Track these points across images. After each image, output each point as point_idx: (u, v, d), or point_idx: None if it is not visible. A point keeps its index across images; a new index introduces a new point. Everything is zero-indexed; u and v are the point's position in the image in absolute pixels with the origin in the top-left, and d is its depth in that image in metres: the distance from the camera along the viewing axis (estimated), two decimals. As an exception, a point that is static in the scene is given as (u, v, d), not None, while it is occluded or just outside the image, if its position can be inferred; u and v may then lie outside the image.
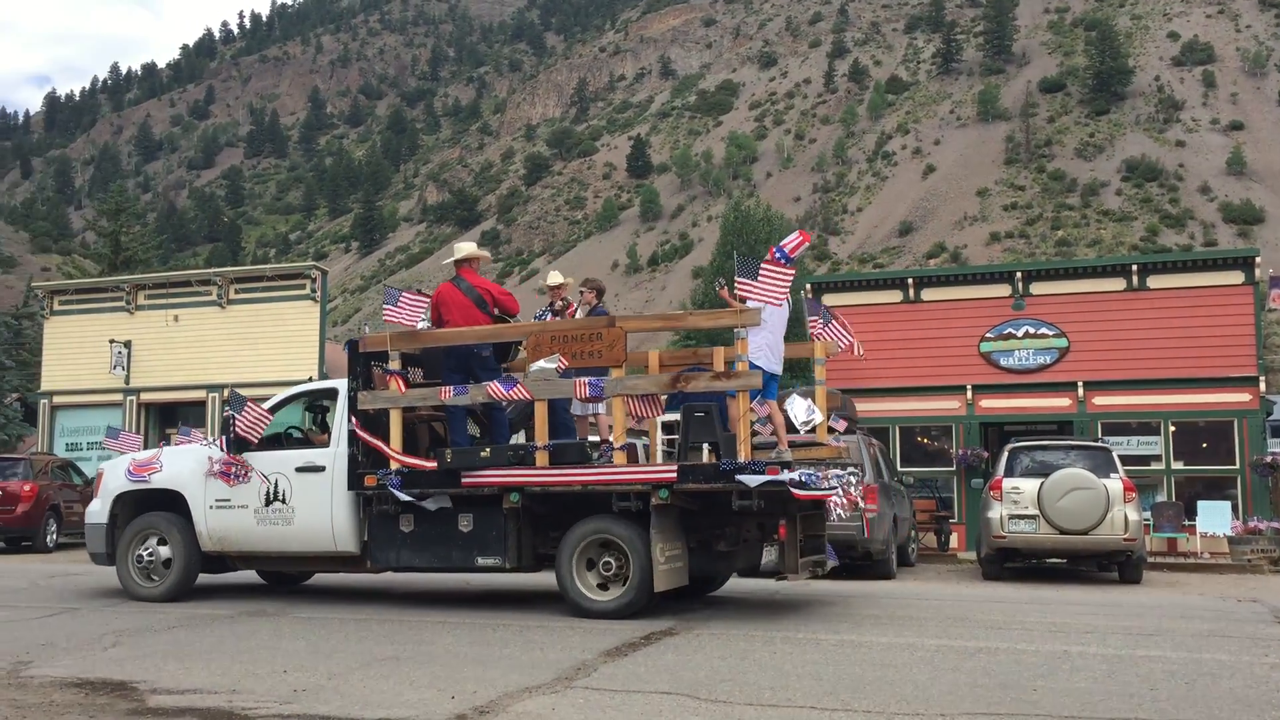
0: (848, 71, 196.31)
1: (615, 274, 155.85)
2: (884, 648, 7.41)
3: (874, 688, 5.99)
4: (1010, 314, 20.54)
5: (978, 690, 5.95)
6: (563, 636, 7.83)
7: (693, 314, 10.70)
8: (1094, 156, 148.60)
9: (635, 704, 5.52)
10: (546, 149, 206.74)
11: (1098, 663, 6.86)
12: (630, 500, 8.82)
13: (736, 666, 6.61)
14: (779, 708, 5.47)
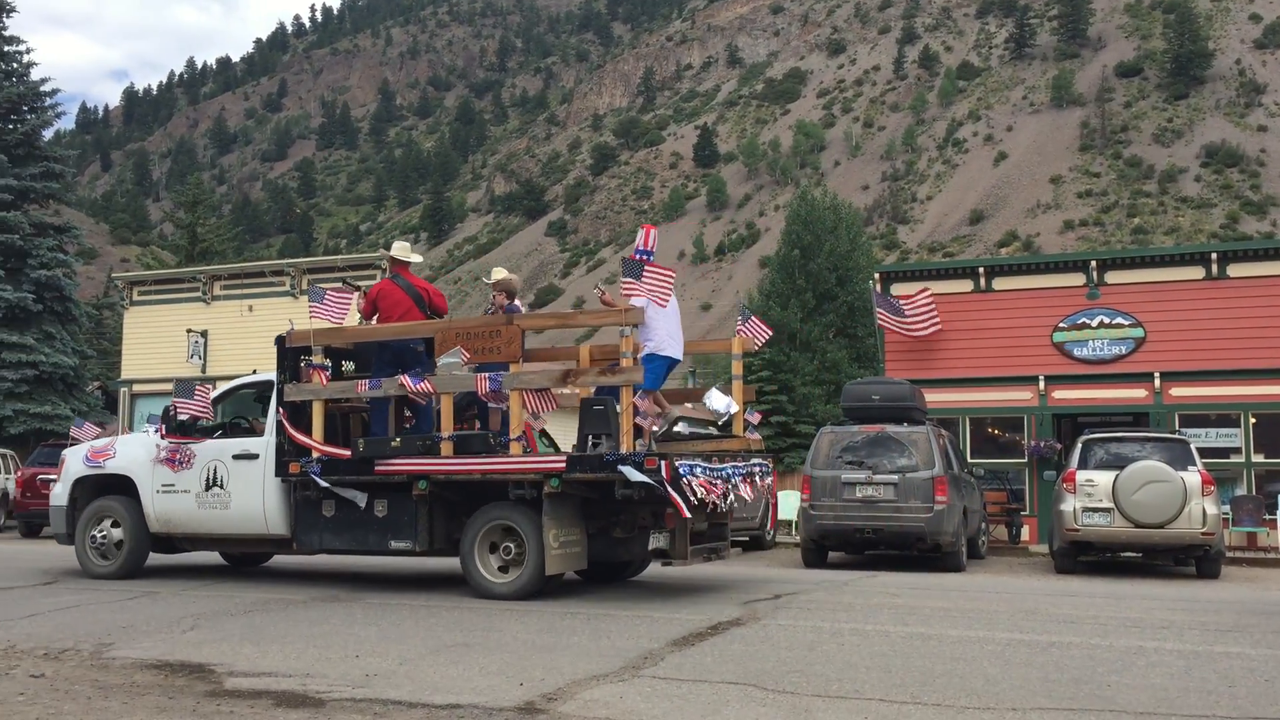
0: (918, 58, 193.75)
1: (682, 264, 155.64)
2: (954, 641, 7.33)
3: (944, 681, 5.93)
4: (1084, 303, 20.17)
5: (1050, 685, 5.87)
6: (630, 625, 7.86)
7: (582, 313, 11.19)
8: (1172, 142, 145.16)
9: (702, 693, 5.53)
10: (613, 139, 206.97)
11: (1174, 659, 6.73)
12: (525, 488, 9.34)
13: (804, 658, 6.58)
14: (847, 699, 5.44)
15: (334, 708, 5.18)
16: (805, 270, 45.87)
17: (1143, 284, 20.02)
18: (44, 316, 31.67)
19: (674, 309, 10.03)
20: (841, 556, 15.93)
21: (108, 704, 5.26)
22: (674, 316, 10.03)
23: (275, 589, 10.20)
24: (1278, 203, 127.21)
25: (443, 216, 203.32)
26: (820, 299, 45.27)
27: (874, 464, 14.38)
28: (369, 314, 10.79)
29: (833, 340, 44.19)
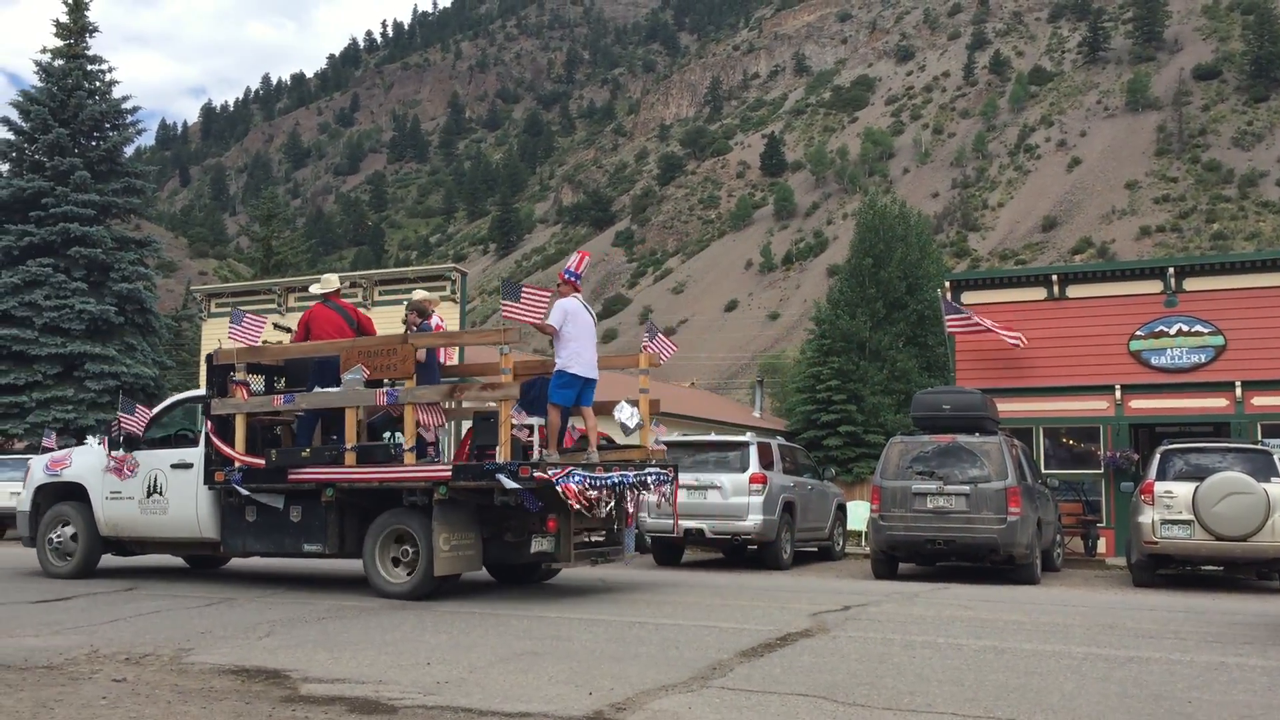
0: (988, 63, 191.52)
1: (749, 273, 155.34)
2: (1029, 655, 7.21)
3: (1018, 695, 5.83)
4: (1162, 311, 19.74)
5: (1129, 701, 5.74)
6: (698, 636, 7.84)
7: (467, 333, 11.96)
8: (1252, 146, 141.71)
9: (771, 705, 5.50)
10: (680, 148, 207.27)
11: (1258, 675, 6.55)
12: (417, 495, 10.04)
13: (875, 670, 6.52)
14: (918, 713, 5.38)
15: (406, 714, 5.23)
16: (875, 279, 45.48)
17: (1223, 291, 19.55)
18: (125, 328, 32.50)
19: (588, 329, 10.70)
20: (912, 568, 15.74)
21: (186, 708, 5.37)
22: (587, 337, 10.67)
23: (349, 596, 10.35)
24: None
25: (511, 228, 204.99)
26: (890, 307, 44.85)
27: (945, 474, 14.20)
28: (301, 336, 11.59)
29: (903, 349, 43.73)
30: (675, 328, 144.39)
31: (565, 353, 10.44)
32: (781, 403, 54.98)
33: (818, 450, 37.11)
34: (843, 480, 29.38)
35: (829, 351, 41.79)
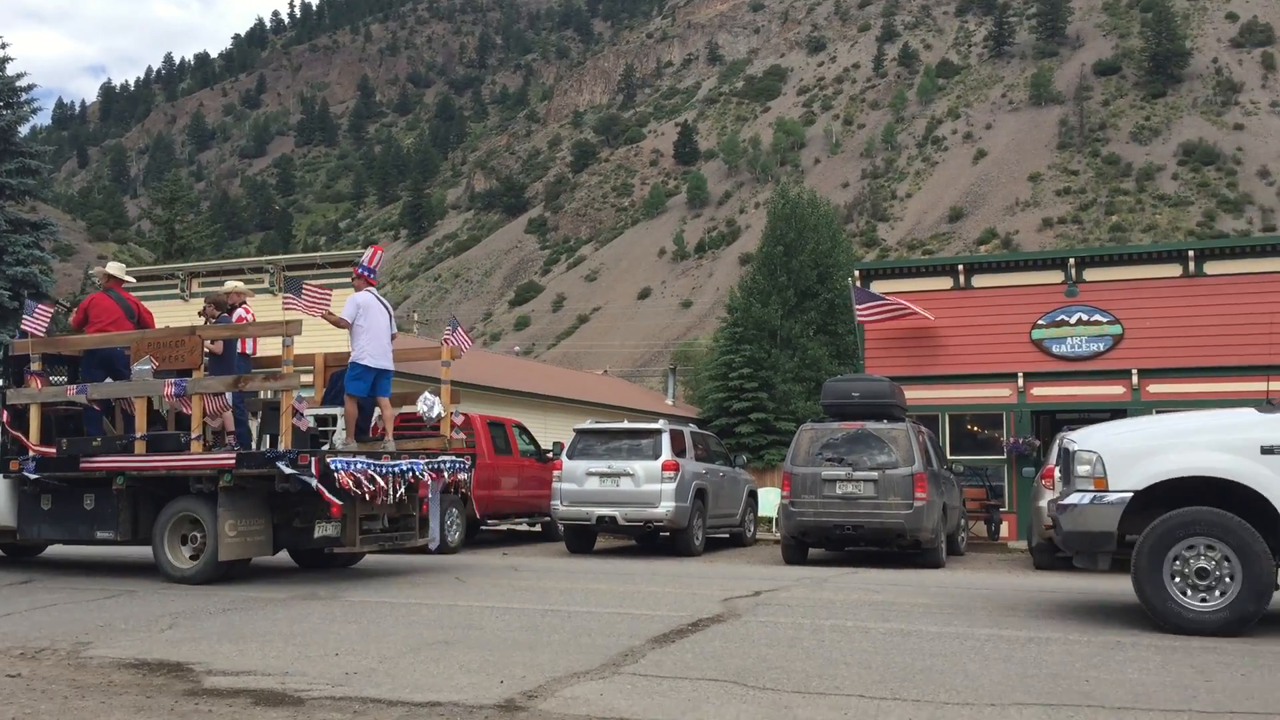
0: (897, 55, 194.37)
1: (662, 261, 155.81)
2: (934, 637, 7.36)
3: (923, 677, 5.95)
4: (1063, 300, 20.27)
5: (1029, 680, 5.90)
6: (611, 623, 7.86)
7: (253, 325, 12.02)
8: (1150, 140, 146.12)
9: (683, 690, 5.53)
10: (593, 136, 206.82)
11: (1151, 653, 6.77)
12: (204, 483, 10.39)
13: (785, 654, 6.60)
14: (827, 696, 5.46)
15: (313, 706, 5.16)
16: (787, 267, 45.95)
17: (1120, 281, 20.14)
18: (20, 313, 31.38)
19: (381, 323, 11.19)
20: (822, 553, 15.97)
21: (85, 703, 5.23)
22: (380, 330, 11.15)
23: (255, 588, 10.17)
24: (1254, 201, 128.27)
25: (422, 213, 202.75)
26: (801, 296, 45.35)
27: (854, 461, 14.42)
28: (79, 323, 11.80)
29: (813, 337, 44.27)
30: (589, 315, 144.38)
31: (358, 345, 10.94)
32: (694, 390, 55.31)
33: (730, 437, 37.41)
34: (754, 467, 29.66)
35: (741, 339, 42.13)
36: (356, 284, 11.34)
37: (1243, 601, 7.42)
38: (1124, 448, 7.95)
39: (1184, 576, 7.60)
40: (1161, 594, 7.61)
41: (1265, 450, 7.48)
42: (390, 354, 11.33)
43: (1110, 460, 7.88)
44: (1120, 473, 7.81)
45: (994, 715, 5.09)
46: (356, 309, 10.98)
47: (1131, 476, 7.77)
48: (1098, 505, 7.85)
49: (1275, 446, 7.46)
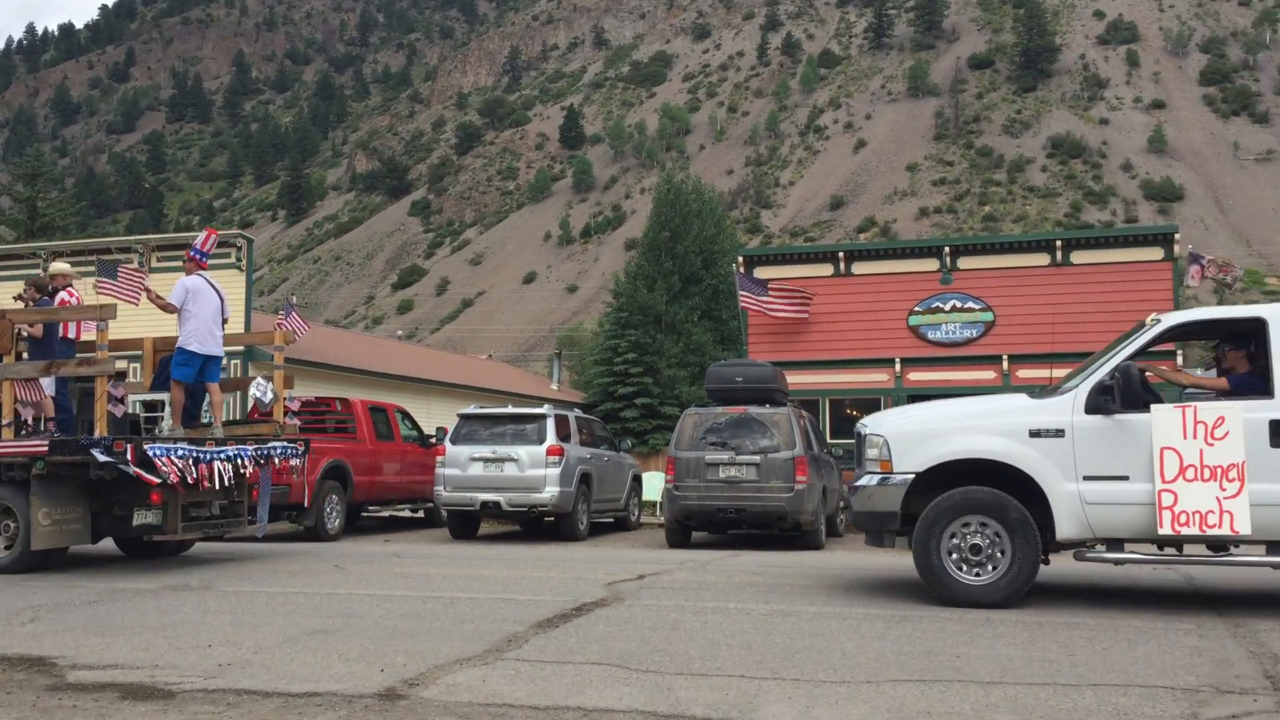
0: (781, 44, 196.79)
1: (548, 245, 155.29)
2: (813, 617, 7.49)
3: (803, 656, 6.06)
4: (938, 288, 20.82)
5: (904, 657, 6.05)
6: (494, 609, 7.82)
7: (66, 310, 11.68)
8: (1021, 133, 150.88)
9: (566, 674, 5.53)
10: (478, 118, 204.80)
11: (1018, 629, 7.01)
12: (16, 470, 10.18)
13: (668, 637, 6.65)
14: (709, 677, 5.51)
15: (185, 699, 5.01)
16: (672, 253, 46.18)
17: (992, 270, 20.78)
18: None
19: (210, 308, 11.11)
20: (705, 536, 16.13)
21: (-62, 703, 4.98)
22: (210, 315, 11.10)
23: (123, 578, 9.83)
24: (1117, 193, 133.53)
25: (301, 194, 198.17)
26: (686, 282, 45.65)
27: (737, 445, 14.58)
28: None
29: (698, 323, 44.63)
30: (473, 299, 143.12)
31: (186, 330, 10.86)
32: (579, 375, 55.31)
33: (615, 422, 37.51)
34: (639, 452, 29.80)
35: (626, 324, 42.21)
36: (188, 267, 11.20)
37: (1012, 575, 7.87)
38: (907, 432, 8.34)
39: (960, 552, 8.02)
40: (939, 569, 8.02)
41: (1033, 434, 7.91)
42: (220, 340, 11.22)
43: (895, 444, 8.27)
44: (903, 455, 8.22)
45: (870, 692, 5.21)
46: (185, 294, 10.86)
47: (913, 459, 8.17)
48: (883, 486, 8.27)
49: (1041, 430, 7.89)
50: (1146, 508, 7.61)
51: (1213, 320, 8.67)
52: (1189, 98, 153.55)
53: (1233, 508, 7.43)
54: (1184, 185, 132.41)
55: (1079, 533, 7.86)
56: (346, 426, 16.97)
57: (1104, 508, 7.75)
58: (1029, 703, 5.02)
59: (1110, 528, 7.82)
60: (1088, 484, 7.77)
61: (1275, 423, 7.51)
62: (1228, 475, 7.47)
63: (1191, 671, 5.73)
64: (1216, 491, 7.46)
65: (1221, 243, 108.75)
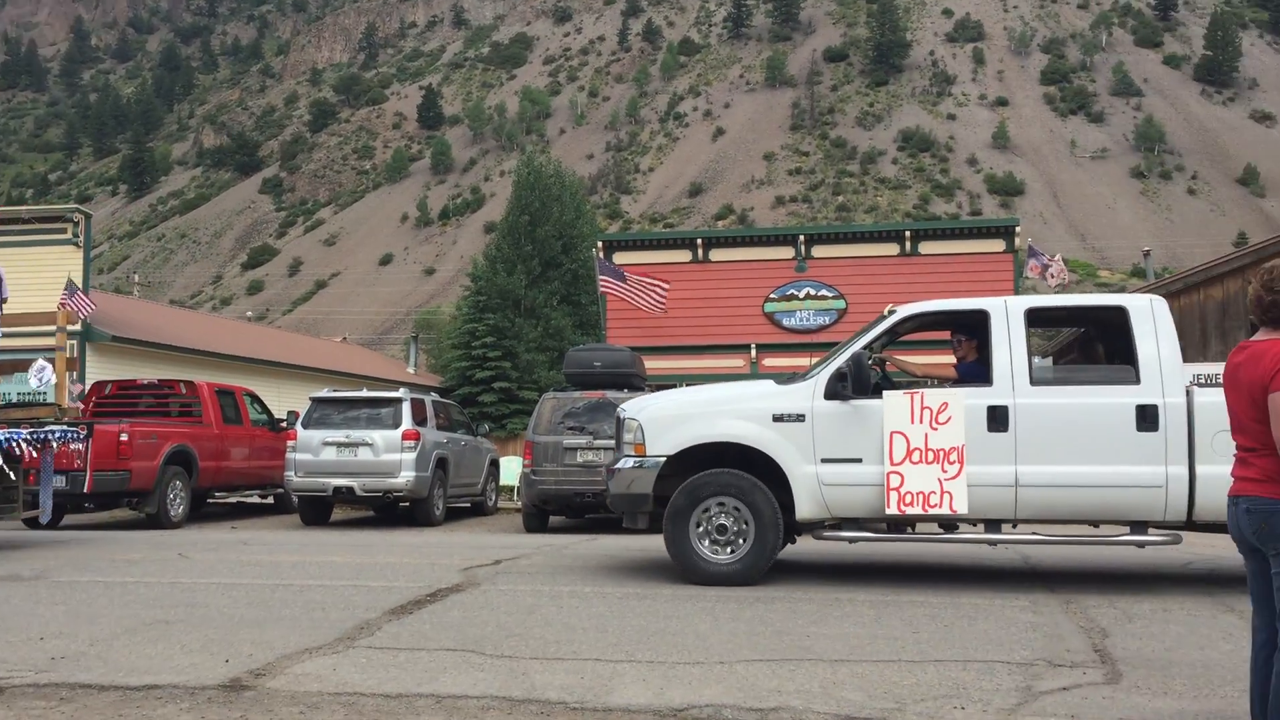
0: (641, 31, 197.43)
1: (405, 227, 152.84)
2: (669, 599, 7.57)
3: (658, 639, 6.11)
4: (793, 275, 21.25)
5: (756, 638, 6.16)
6: (345, 596, 7.66)
7: None
8: (873, 126, 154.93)
9: (420, 661, 5.46)
10: (333, 95, 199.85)
11: (866, 608, 7.21)
12: None
13: (523, 622, 6.63)
14: (564, 660, 5.52)
15: (14, 694, 4.77)
16: (532, 237, 45.92)
17: (845, 259, 21.31)
18: None
19: None
20: (563, 521, 16.13)
21: None
22: None
23: (-54, 570, 9.29)
24: (963, 186, 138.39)
25: (144, 168, 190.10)
26: (546, 266, 45.45)
27: (594, 429, 14.61)
28: None
29: (557, 307, 44.51)
30: (327, 281, 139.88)
31: None
32: (437, 359, 54.56)
33: (473, 406, 37.16)
34: (496, 436, 29.59)
35: (485, 308, 41.82)
36: None
37: (756, 552, 8.20)
38: (661, 416, 8.58)
39: (708, 532, 8.32)
40: (687, 549, 8.29)
41: (776, 418, 8.22)
42: None
43: (648, 427, 8.50)
44: (656, 439, 8.45)
45: (723, 672, 5.29)
46: None
47: (665, 442, 8.42)
48: (637, 469, 8.49)
49: (784, 415, 8.21)
50: (877, 489, 7.98)
51: (945, 311, 9.14)
52: (1030, 96, 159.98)
53: (952, 488, 7.84)
54: (1025, 180, 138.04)
55: (817, 512, 8.20)
56: (191, 410, 16.40)
57: (839, 489, 8.10)
58: (875, 679, 5.17)
59: (845, 507, 8.17)
60: (825, 466, 8.10)
61: (993, 409, 7.94)
62: (949, 458, 7.87)
63: (1026, 646, 5.99)
64: (939, 473, 7.86)
65: (1059, 236, 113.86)
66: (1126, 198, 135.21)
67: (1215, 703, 4.80)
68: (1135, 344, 8.06)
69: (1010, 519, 8.05)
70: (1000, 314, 8.27)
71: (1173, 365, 7.95)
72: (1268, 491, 3.78)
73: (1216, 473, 7.58)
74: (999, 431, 7.93)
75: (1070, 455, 7.87)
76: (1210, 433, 7.72)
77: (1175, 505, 7.80)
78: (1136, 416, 7.82)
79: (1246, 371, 3.88)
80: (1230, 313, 23.90)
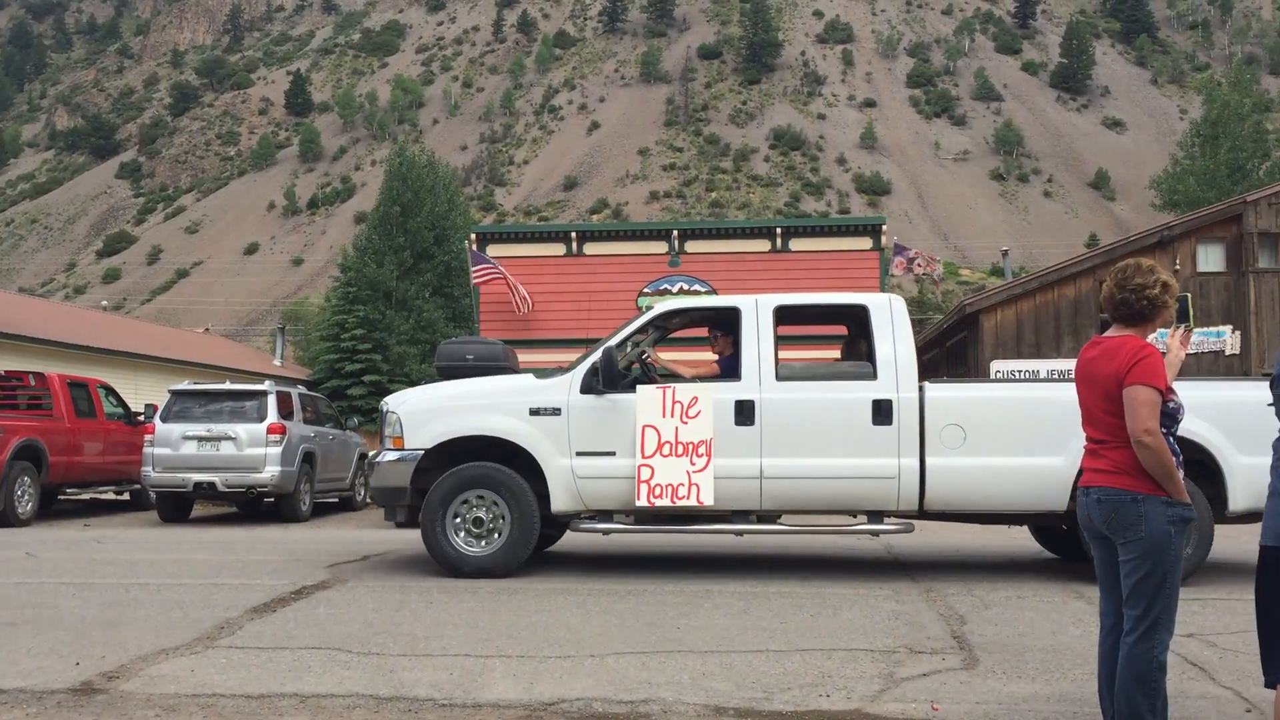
0: (516, 22, 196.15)
1: (272, 216, 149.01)
2: (541, 593, 7.54)
3: (529, 633, 6.09)
4: (666, 270, 21.36)
5: (627, 630, 6.18)
6: (206, 595, 7.43)
7: None
8: (746, 123, 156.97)
9: (283, 661, 5.33)
10: (196, 78, 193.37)
11: (736, 600, 7.30)
12: None
13: (392, 618, 6.52)
14: (433, 657, 5.45)
15: None
16: (404, 228, 45.22)
17: (718, 254, 21.50)
18: None
19: None
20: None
21: None
22: None
23: None
24: (832, 185, 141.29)
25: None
26: (418, 257, 44.81)
27: None
28: None
29: (429, 299, 43.94)
30: (189, 270, 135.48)
31: None
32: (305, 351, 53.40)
33: (341, 400, 36.44)
34: (366, 430, 29.08)
35: (355, 300, 41.05)
36: None
37: (513, 544, 8.28)
38: (420, 409, 8.62)
39: (465, 524, 8.37)
40: (444, 541, 8.31)
41: (533, 412, 8.35)
42: None
43: (407, 421, 8.53)
44: (414, 432, 8.48)
45: (594, 665, 5.30)
46: None
47: (424, 435, 8.45)
48: (395, 462, 8.49)
49: (541, 408, 8.35)
50: (630, 481, 8.12)
51: (697, 308, 9.49)
52: (897, 98, 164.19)
53: (700, 480, 8.02)
54: (891, 180, 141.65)
55: (573, 505, 8.31)
56: (41, 403, 15.69)
57: (593, 481, 8.23)
58: (743, 669, 5.24)
59: (599, 500, 8.30)
60: (580, 459, 8.23)
61: (740, 403, 8.17)
62: (698, 451, 8.06)
63: (889, 634, 6.15)
64: (687, 466, 8.04)
65: (923, 235, 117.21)
66: (987, 199, 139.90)
67: (1065, 685, 5.00)
68: (874, 341, 8.32)
69: (756, 510, 8.23)
70: (751, 311, 8.47)
71: (907, 361, 8.21)
72: (1118, 483, 3.93)
73: (944, 464, 8.06)
74: (745, 425, 8.12)
75: (811, 448, 8.10)
76: (939, 426, 8.07)
77: (907, 495, 8.09)
78: (872, 411, 8.07)
79: (1101, 366, 4.03)
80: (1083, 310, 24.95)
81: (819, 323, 10.94)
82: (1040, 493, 8.10)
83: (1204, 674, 5.21)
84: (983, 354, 23.81)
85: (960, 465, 8.07)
